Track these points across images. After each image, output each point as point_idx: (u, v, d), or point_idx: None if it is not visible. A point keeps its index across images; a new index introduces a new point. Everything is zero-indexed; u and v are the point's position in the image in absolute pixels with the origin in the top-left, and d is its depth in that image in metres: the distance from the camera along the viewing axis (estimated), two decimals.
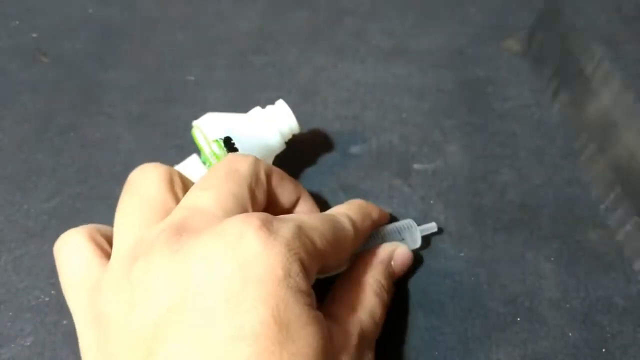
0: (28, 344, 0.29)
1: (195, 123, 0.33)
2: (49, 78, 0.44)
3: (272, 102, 0.35)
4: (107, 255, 0.25)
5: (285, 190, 0.29)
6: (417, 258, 0.33)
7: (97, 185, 0.37)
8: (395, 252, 0.30)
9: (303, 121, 0.40)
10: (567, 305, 0.31)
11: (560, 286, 0.32)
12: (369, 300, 0.28)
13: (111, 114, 0.41)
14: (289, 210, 0.30)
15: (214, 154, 0.32)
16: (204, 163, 0.33)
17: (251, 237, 0.22)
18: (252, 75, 0.44)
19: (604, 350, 0.29)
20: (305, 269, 0.22)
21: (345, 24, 0.48)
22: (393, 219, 0.34)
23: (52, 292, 0.31)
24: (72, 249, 0.25)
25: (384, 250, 0.30)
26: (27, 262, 0.33)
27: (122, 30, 0.48)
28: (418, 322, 0.30)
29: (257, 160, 0.28)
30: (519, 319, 0.30)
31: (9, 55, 0.46)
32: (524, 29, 0.47)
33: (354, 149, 0.39)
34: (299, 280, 0.22)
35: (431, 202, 0.36)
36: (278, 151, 0.35)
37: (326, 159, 0.38)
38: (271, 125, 0.34)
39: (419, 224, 0.32)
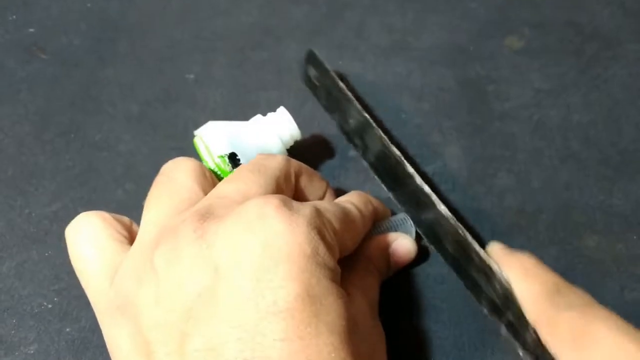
0: (32, 351, 0.30)
1: (197, 133, 0.33)
2: (47, 74, 0.44)
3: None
4: (126, 240, 0.26)
5: (313, 188, 0.30)
6: (414, 263, 0.33)
7: (98, 188, 0.37)
8: (396, 241, 0.31)
9: (303, 122, 0.40)
10: None
11: None
12: (372, 281, 0.29)
13: (111, 112, 0.41)
14: None
15: (219, 168, 0.32)
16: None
17: (273, 217, 0.22)
18: (251, 72, 0.44)
19: None
20: (328, 245, 0.23)
21: (345, 20, 0.48)
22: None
23: (55, 299, 0.32)
24: (90, 234, 0.25)
25: (386, 238, 0.31)
26: (30, 268, 0.33)
27: (120, 25, 0.47)
28: (414, 326, 0.31)
29: (287, 160, 0.28)
30: None
31: (6, 51, 0.45)
32: (526, 26, 0.47)
33: (354, 152, 0.39)
34: (326, 257, 0.23)
35: None
36: None
37: (326, 162, 0.38)
38: (273, 132, 0.34)
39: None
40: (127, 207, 0.35)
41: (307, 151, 0.39)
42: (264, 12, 0.48)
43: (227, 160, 0.32)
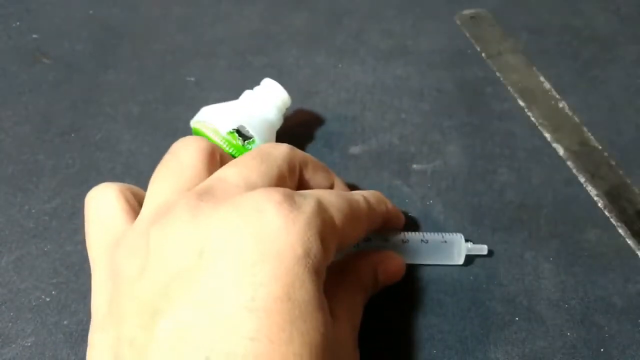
0: (29, 344, 0.29)
1: (196, 120, 0.34)
2: (49, 79, 0.44)
3: None
4: (135, 213, 0.25)
5: (319, 179, 0.30)
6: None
7: None
8: (386, 259, 0.30)
9: (303, 122, 0.40)
10: (566, 305, 0.31)
11: (558, 286, 0.32)
12: (357, 301, 0.28)
13: (112, 114, 0.41)
14: None
15: (231, 144, 0.32)
16: None
17: (272, 212, 0.22)
18: (252, 76, 0.44)
19: (602, 350, 0.29)
20: (324, 246, 0.22)
21: (345, 25, 0.48)
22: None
23: (53, 292, 0.31)
24: (102, 202, 0.26)
25: (374, 256, 0.30)
26: (28, 262, 0.33)
27: (122, 31, 0.48)
28: (417, 320, 0.31)
29: (292, 149, 0.28)
30: (517, 319, 0.31)
31: (9, 56, 0.46)
32: (524, 30, 0.47)
33: (354, 150, 0.39)
34: (317, 261, 0.22)
35: (430, 202, 0.36)
36: (278, 126, 0.37)
37: (326, 160, 0.38)
38: (267, 102, 0.35)
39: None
40: None
41: (307, 148, 0.39)
42: (265, 18, 0.49)
43: (236, 135, 0.32)
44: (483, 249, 0.32)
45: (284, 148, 0.28)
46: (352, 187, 0.37)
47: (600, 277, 0.32)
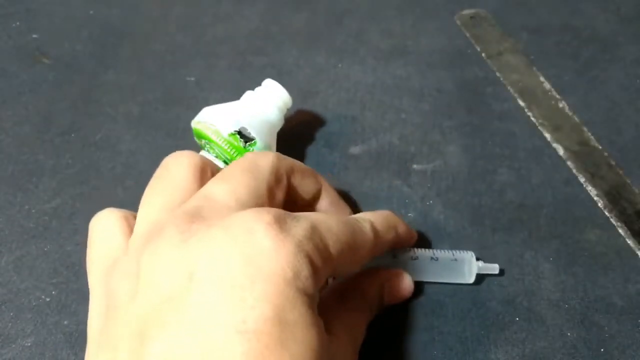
0: (29, 344, 0.29)
1: (197, 121, 0.34)
2: (49, 79, 0.44)
3: None
4: None
5: (306, 185, 0.29)
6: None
7: (98, 186, 0.37)
8: (393, 278, 0.30)
9: (303, 122, 0.40)
10: (566, 305, 0.31)
11: (559, 286, 0.32)
12: (360, 319, 0.28)
13: (112, 114, 0.41)
14: (310, 204, 0.30)
15: (233, 146, 0.32)
16: (218, 157, 0.34)
17: (261, 233, 0.21)
18: (252, 76, 0.44)
19: (602, 350, 0.29)
20: (314, 271, 0.22)
21: (345, 25, 0.48)
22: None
23: (53, 292, 0.31)
24: (104, 227, 0.26)
25: (381, 274, 0.30)
26: (28, 262, 0.33)
27: (122, 31, 0.48)
28: (417, 321, 0.31)
29: (278, 158, 0.27)
30: (517, 319, 0.31)
31: (9, 56, 0.46)
32: (524, 30, 0.47)
33: (354, 150, 0.39)
34: (307, 283, 0.22)
35: (430, 202, 0.36)
36: (279, 127, 0.37)
37: (326, 160, 0.38)
38: (268, 103, 0.35)
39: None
40: (127, 204, 0.35)
41: (307, 147, 0.39)
42: (265, 18, 0.49)
43: (237, 137, 0.32)
44: (494, 269, 0.31)
45: (270, 158, 0.27)
46: (352, 187, 0.37)
47: (600, 277, 0.32)
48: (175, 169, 0.26)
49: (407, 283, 0.30)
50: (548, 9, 0.49)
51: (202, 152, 0.35)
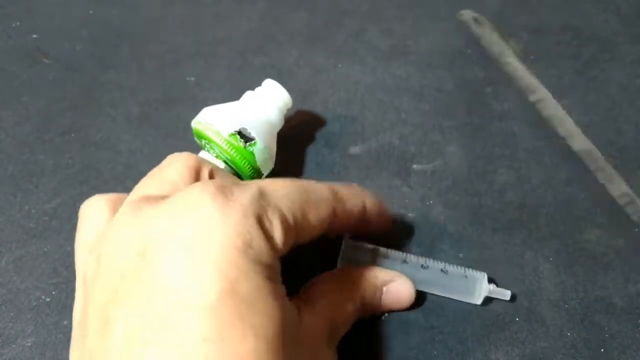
0: (29, 344, 0.29)
1: (197, 121, 0.34)
2: (49, 79, 0.44)
3: None
4: None
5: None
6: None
7: (98, 186, 0.37)
8: (392, 282, 0.29)
9: (303, 122, 0.40)
10: (566, 306, 0.31)
11: (559, 286, 0.32)
12: (347, 304, 0.27)
13: (112, 114, 0.41)
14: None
15: (233, 146, 0.32)
16: (218, 157, 0.34)
17: (206, 204, 0.21)
18: (252, 76, 0.44)
19: (602, 350, 0.29)
20: (267, 236, 0.22)
21: (345, 25, 0.48)
22: (401, 225, 0.34)
23: (53, 292, 0.31)
24: (91, 211, 0.26)
25: (383, 274, 0.29)
26: (28, 262, 0.33)
27: (122, 31, 0.48)
28: (417, 321, 0.31)
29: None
30: (517, 319, 0.31)
31: (9, 56, 0.46)
32: (524, 30, 0.47)
33: (354, 150, 0.39)
34: (260, 251, 0.21)
35: (430, 202, 0.36)
36: (279, 127, 0.37)
37: (326, 160, 0.38)
38: (268, 103, 0.35)
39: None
40: None
41: (307, 147, 0.39)
42: (265, 19, 0.49)
43: (237, 137, 0.32)
44: (506, 294, 0.30)
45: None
46: None
47: (600, 277, 0.32)
48: (169, 169, 0.26)
49: (407, 288, 0.30)
50: (548, 9, 0.49)
51: (202, 152, 0.35)
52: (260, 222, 0.22)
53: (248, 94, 0.36)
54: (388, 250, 0.31)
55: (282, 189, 0.24)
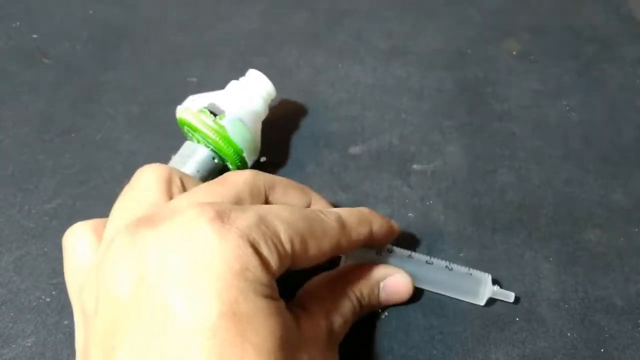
0: (29, 344, 0.29)
1: (178, 108, 0.35)
2: (49, 79, 0.44)
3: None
4: None
5: (292, 199, 0.28)
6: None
7: (98, 186, 0.37)
8: (389, 277, 0.29)
9: (303, 122, 0.40)
10: (566, 306, 0.31)
11: (559, 286, 0.32)
12: (344, 305, 0.27)
13: (112, 114, 0.41)
14: None
15: (201, 121, 0.34)
16: (198, 142, 0.35)
17: (204, 228, 0.21)
18: None
19: (602, 350, 0.29)
20: (263, 261, 0.22)
21: (345, 25, 0.48)
22: (401, 225, 0.34)
23: (53, 292, 0.31)
24: (75, 239, 0.26)
25: (379, 270, 0.29)
26: (28, 262, 0.33)
27: (122, 31, 0.48)
28: (417, 321, 0.31)
29: (255, 174, 0.27)
30: (517, 319, 0.31)
31: (9, 56, 0.46)
32: (525, 30, 0.47)
33: (354, 150, 0.39)
34: (258, 272, 0.21)
35: (430, 202, 0.36)
36: (263, 116, 0.37)
37: (326, 160, 0.38)
38: (251, 92, 0.36)
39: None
40: None
41: (307, 148, 0.39)
42: (265, 19, 0.49)
43: (207, 111, 0.34)
44: (510, 296, 0.30)
45: (246, 174, 0.27)
46: (352, 187, 0.37)
47: (600, 277, 0.32)
48: (141, 181, 0.26)
49: (405, 282, 0.30)
50: (548, 9, 0.49)
51: (186, 142, 0.35)
52: (256, 247, 0.22)
53: (233, 83, 0.37)
54: (393, 247, 0.31)
55: (285, 217, 0.24)
